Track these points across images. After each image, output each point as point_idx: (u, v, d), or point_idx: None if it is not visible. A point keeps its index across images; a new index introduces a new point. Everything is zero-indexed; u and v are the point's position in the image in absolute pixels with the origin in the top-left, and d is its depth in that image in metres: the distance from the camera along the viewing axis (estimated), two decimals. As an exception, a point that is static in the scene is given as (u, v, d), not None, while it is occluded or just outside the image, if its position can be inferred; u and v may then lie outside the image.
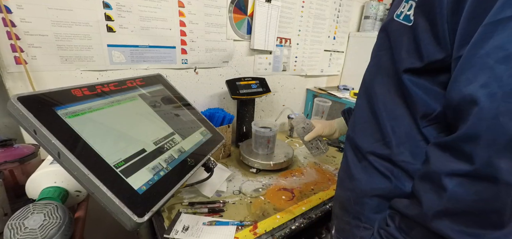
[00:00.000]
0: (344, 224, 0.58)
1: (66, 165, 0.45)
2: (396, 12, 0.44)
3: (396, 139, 0.45)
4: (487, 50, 0.31)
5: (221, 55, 1.12)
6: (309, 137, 0.83)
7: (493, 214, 0.33)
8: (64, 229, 0.54)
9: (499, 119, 0.29)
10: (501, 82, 0.29)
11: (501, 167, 0.29)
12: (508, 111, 0.29)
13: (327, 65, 1.56)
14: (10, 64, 0.73)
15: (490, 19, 0.31)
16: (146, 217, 0.47)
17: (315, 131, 0.83)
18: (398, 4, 0.45)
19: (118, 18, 0.85)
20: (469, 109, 0.32)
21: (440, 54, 0.38)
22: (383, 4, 1.51)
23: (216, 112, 1.05)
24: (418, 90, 0.42)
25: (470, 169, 0.32)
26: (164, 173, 0.58)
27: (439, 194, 0.36)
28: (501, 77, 0.29)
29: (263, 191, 0.87)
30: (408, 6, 0.42)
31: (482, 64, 0.31)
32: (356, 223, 0.53)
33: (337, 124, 0.85)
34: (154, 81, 0.81)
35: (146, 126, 0.65)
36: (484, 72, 0.31)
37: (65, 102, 0.51)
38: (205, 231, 0.66)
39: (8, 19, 0.69)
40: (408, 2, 0.42)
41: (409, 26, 0.42)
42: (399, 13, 0.44)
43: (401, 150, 0.45)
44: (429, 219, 0.37)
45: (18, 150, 0.69)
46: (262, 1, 1.12)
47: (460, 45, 0.34)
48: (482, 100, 0.30)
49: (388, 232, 0.46)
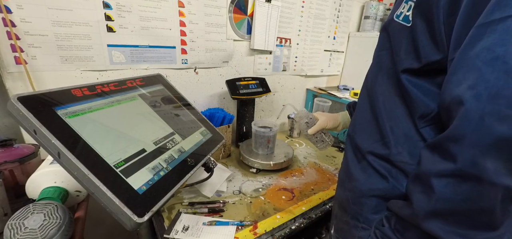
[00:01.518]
0: (343, 224, 0.58)
1: (66, 165, 0.45)
2: (396, 13, 0.45)
3: (394, 139, 0.46)
4: (476, 51, 0.31)
5: (221, 55, 1.12)
6: (313, 131, 0.82)
7: (482, 215, 0.33)
8: (64, 229, 0.54)
9: (485, 120, 0.29)
10: (487, 84, 0.29)
11: (486, 167, 0.30)
12: (494, 112, 0.29)
13: (327, 65, 1.56)
14: (10, 64, 0.73)
15: (481, 21, 0.31)
16: (146, 217, 0.47)
17: (318, 124, 0.82)
18: (398, 4, 0.45)
19: (118, 18, 0.85)
20: (457, 110, 0.32)
21: (437, 55, 0.38)
22: (383, 4, 1.51)
23: (216, 112, 1.05)
24: (416, 91, 0.42)
25: (454, 168, 0.32)
26: (164, 173, 0.58)
27: (428, 194, 0.36)
28: (488, 79, 0.29)
29: (263, 191, 0.87)
30: (408, 6, 0.42)
31: (471, 66, 0.31)
32: (354, 223, 0.54)
33: (341, 118, 0.85)
34: (154, 81, 0.81)
35: (146, 126, 0.65)
36: (472, 74, 0.31)
37: (65, 102, 0.51)
38: (205, 231, 0.66)
39: (8, 19, 0.69)
40: (408, 3, 0.42)
41: (408, 27, 0.42)
42: (399, 13, 0.44)
43: (400, 151, 0.45)
44: (420, 220, 0.38)
45: (18, 150, 0.69)
46: (262, 1, 1.12)
47: (455, 47, 0.35)
48: (469, 101, 0.30)
49: (383, 232, 0.46)
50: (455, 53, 0.35)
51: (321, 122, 0.82)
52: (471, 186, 0.32)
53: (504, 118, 0.28)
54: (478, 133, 0.30)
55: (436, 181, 0.35)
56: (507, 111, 0.28)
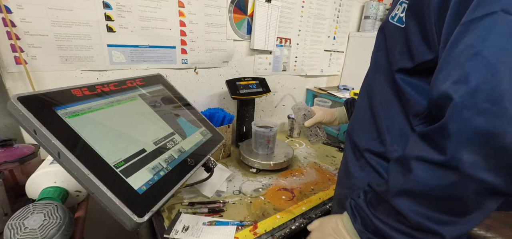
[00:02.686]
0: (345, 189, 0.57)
1: (66, 165, 0.45)
2: (391, 14, 0.46)
3: (390, 137, 0.47)
4: (460, 48, 0.32)
5: (221, 55, 1.12)
6: (309, 123, 0.84)
7: (452, 202, 0.35)
8: (64, 229, 0.54)
9: (464, 114, 0.30)
10: (468, 79, 0.31)
11: (463, 159, 0.31)
12: (472, 105, 0.30)
13: (327, 65, 1.56)
14: (10, 64, 0.73)
15: (465, 19, 0.32)
16: (146, 217, 0.47)
17: (315, 117, 0.84)
18: (394, 5, 0.46)
19: (118, 18, 0.85)
20: (445, 105, 0.33)
21: (429, 55, 0.39)
22: (383, 4, 1.51)
23: (216, 112, 1.05)
24: (410, 89, 0.43)
25: (442, 159, 0.34)
26: (164, 173, 0.58)
27: (404, 175, 0.39)
28: (469, 73, 0.31)
29: (263, 191, 0.87)
30: (402, 8, 0.44)
31: (455, 62, 0.33)
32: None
33: (338, 112, 0.87)
34: (154, 81, 0.81)
35: (146, 126, 0.65)
36: (456, 70, 0.32)
37: (65, 102, 0.51)
38: (205, 231, 0.66)
39: (8, 19, 0.69)
40: (402, 5, 0.44)
41: (402, 28, 0.43)
42: (393, 15, 0.46)
43: (395, 148, 0.46)
44: (391, 196, 0.40)
45: (18, 150, 0.69)
46: (262, 1, 1.12)
47: (443, 46, 0.36)
48: (454, 96, 0.32)
49: (357, 203, 0.48)
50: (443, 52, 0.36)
51: (319, 116, 0.84)
52: (447, 175, 0.33)
53: (482, 112, 0.29)
54: (459, 126, 0.31)
55: (416, 164, 0.37)
56: (485, 105, 0.29)
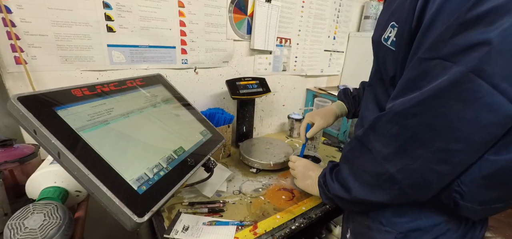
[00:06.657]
0: (363, 227, 0.58)
1: (66, 165, 0.45)
2: (383, 35, 0.49)
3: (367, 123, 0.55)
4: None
5: (221, 55, 1.12)
6: (310, 134, 0.85)
7: (364, 173, 0.51)
8: (64, 229, 0.54)
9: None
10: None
11: (369, 140, 0.50)
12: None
13: (327, 65, 1.55)
14: (10, 64, 0.73)
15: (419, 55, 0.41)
16: (146, 217, 0.47)
17: (316, 126, 0.85)
18: (385, 26, 0.49)
19: (118, 18, 0.85)
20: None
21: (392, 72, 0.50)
22: (383, 4, 1.50)
23: (216, 112, 1.05)
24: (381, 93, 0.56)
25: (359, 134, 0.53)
26: (164, 173, 0.58)
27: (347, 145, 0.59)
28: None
29: (263, 191, 0.87)
30: (394, 32, 0.47)
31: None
32: (377, 227, 0.54)
33: (336, 107, 0.90)
34: (154, 81, 0.81)
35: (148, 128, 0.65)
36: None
37: (65, 102, 0.51)
38: (205, 231, 0.66)
39: (8, 19, 0.69)
40: (394, 28, 0.47)
41: (393, 50, 0.47)
42: (386, 37, 0.49)
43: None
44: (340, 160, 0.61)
45: (18, 150, 0.69)
46: (262, 1, 1.12)
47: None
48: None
49: (323, 173, 0.67)
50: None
51: (320, 125, 0.85)
52: (358, 146, 0.54)
53: None
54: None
55: (353, 138, 0.57)
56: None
